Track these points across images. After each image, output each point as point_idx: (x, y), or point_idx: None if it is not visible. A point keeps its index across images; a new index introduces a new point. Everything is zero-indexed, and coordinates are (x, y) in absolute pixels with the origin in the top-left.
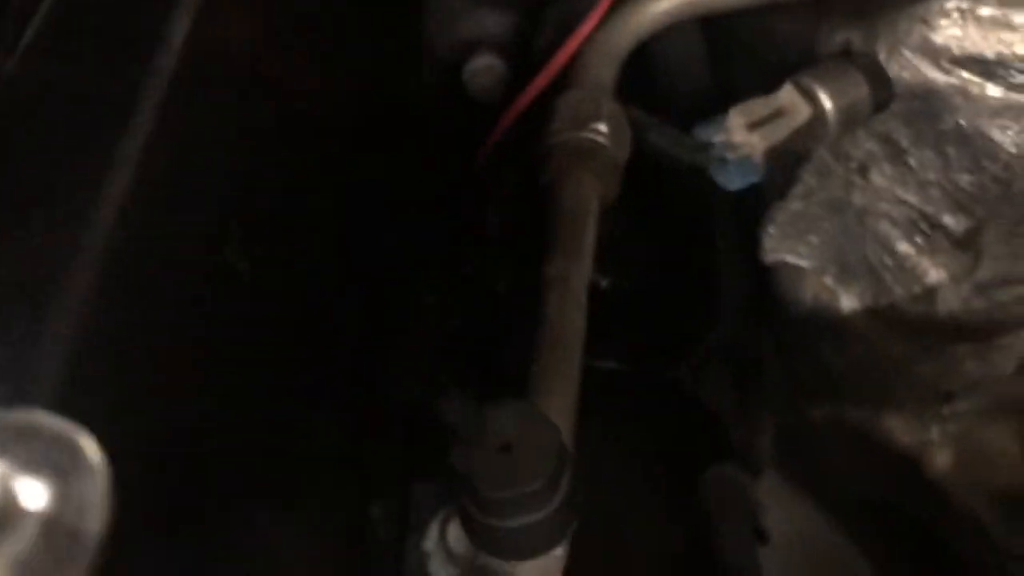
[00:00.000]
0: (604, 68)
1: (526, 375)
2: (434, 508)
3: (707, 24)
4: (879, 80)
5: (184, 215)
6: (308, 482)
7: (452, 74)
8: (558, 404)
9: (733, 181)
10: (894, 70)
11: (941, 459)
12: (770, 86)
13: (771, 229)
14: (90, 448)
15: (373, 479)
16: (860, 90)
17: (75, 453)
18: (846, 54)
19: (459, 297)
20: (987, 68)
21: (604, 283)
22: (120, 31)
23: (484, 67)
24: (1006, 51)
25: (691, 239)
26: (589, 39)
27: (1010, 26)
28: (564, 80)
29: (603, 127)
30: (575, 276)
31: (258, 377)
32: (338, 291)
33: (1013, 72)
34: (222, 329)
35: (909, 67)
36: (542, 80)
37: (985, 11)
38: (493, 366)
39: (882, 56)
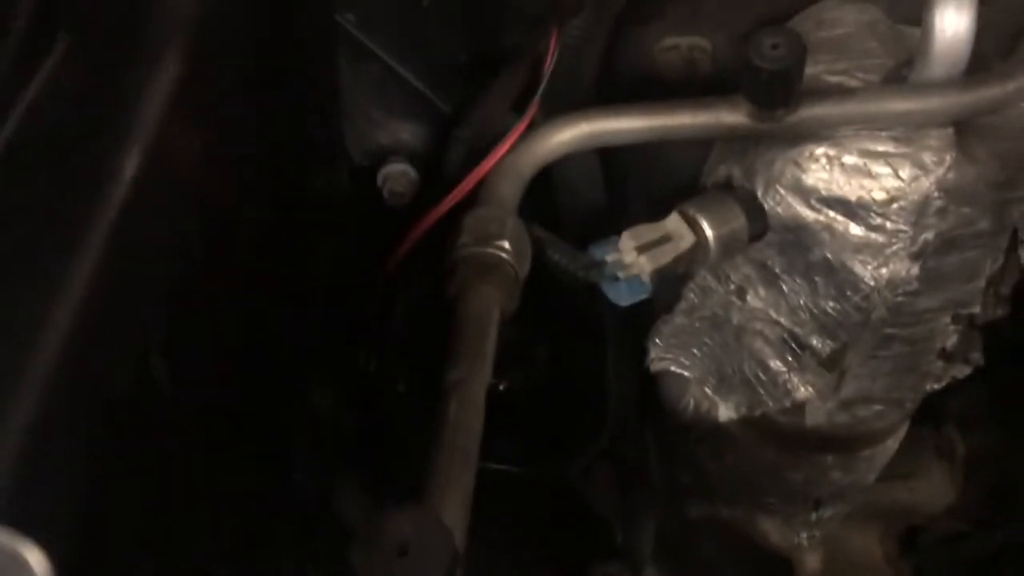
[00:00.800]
0: (510, 189)
1: (424, 477)
2: None
3: (605, 151)
4: (756, 213)
5: (124, 326)
6: None
7: (367, 178)
8: (453, 506)
9: (623, 297)
10: (769, 205)
11: (810, 561)
12: (659, 211)
13: (657, 340)
14: (37, 559)
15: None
16: (738, 221)
17: (23, 565)
18: (728, 186)
19: (360, 397)
20: (850, 209)
21: (501, 386)
22: (76, 161)
23: (398, 173)
24: (866, 196)
25: (583, 347)
26: (498, 161)
27: (870, 174)
28: (472, 197)
29: (506, 244)
30: (475, 383)
31: (164, 478)
32: (245, 391)
33: (872, 214)
34: (142, 435)
35: (783, 203)
36: (453, 198)
37: (848, 159)
38: (392, 466)
39: (759, 191)
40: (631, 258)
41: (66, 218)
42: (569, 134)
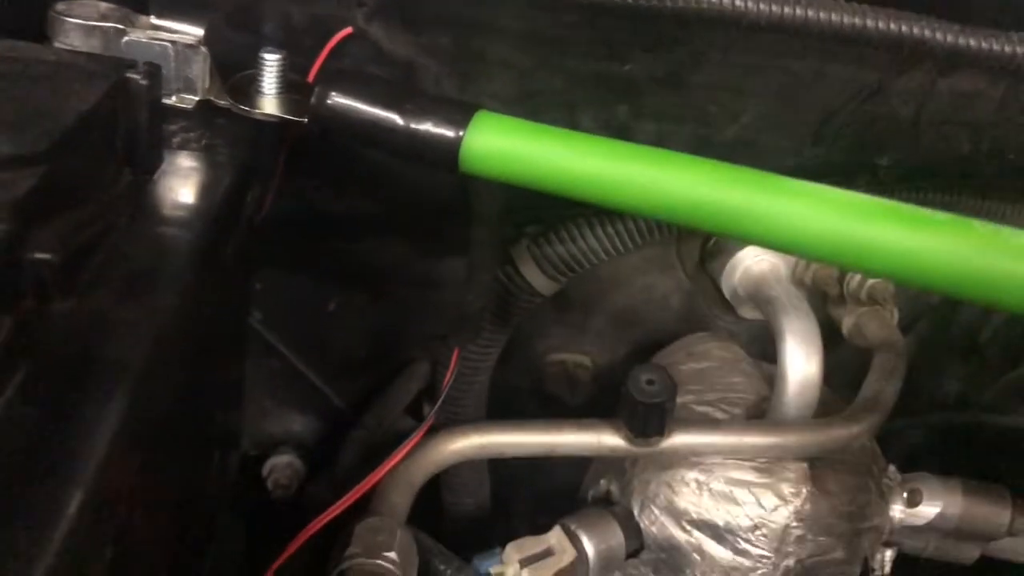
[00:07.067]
0: (401, 498)
1: None
2: None
3: None
4: (633, 531)
5: None
6: None
7: (253, 467)
8: None
9: None
10: (644, 523)
11: None
12: (541, 516)
13: None
14: None
15: None
16: (617, 538)
17: None
18: (607, 501)
19: None
20: (718, 533)
21: None
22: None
23: (284, 464)
24: (732, 521)
25: None
26: (391, 469)
27: (735, 501)
28: (362, 501)
29: (394, 555)
30: None
31: None
32: None
33: (738, 539)
34: None
35: (657, 523)
36: (341, 505)
37: (716, 486)
38: None
39: (636, 509)
40: (513, 571)
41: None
42: (460, 444)
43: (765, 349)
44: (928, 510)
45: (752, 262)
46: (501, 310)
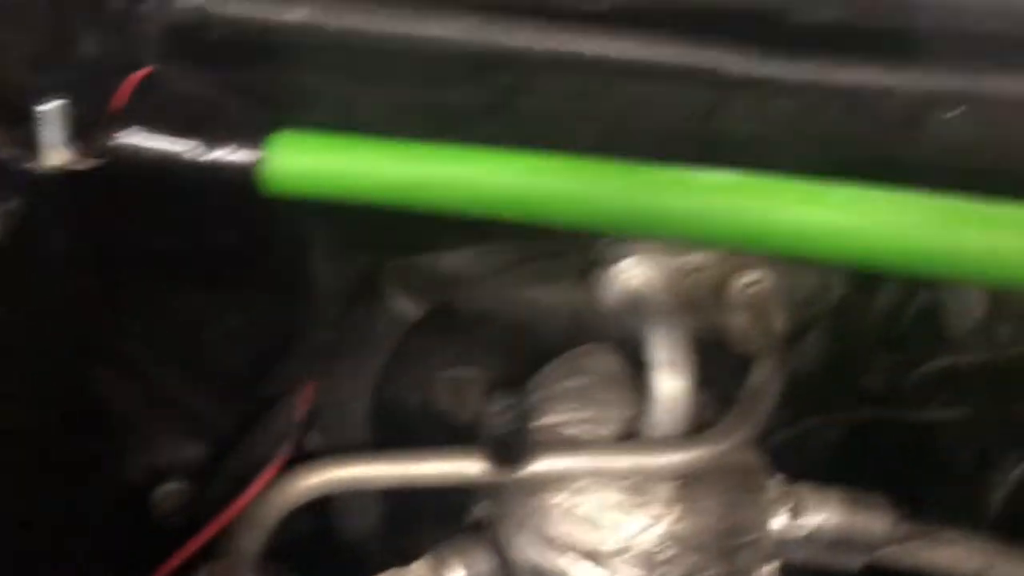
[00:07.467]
0: (251, 539)
1: None
2: None
3: None
4: (502, 558)
5: None
6: None
7: (139, 496)
8: None
9: None
10: (514, 550)
11: None
12: (427, 542)
13: None
14: None
15: None
16: (485, 565)
17: None
18: (480, 527)
19: None
20: (587, 557)
21: None
22: None
23: (174, 491)
24: (600, 545)
25: None
26: (242, 511)
27: (603, 525)
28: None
29: None
30: None
31: None
32: None
33: (607, 563)
34: None
35: (526, 550)
36: (186, 552)
37: (582, 510)
38: None
39: (505, 536)
40: None
41: None
42: (315, 480)
43: None
44: (807, 522)
45: (629, 275)
46: (367, 336)
